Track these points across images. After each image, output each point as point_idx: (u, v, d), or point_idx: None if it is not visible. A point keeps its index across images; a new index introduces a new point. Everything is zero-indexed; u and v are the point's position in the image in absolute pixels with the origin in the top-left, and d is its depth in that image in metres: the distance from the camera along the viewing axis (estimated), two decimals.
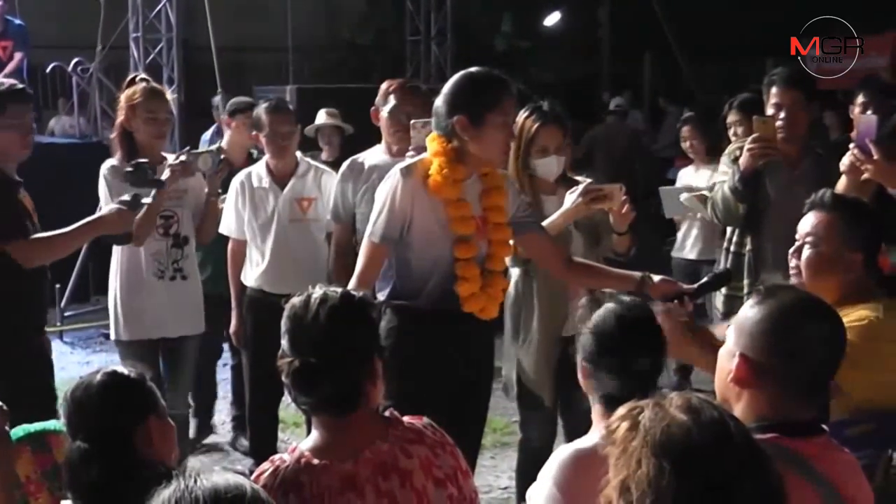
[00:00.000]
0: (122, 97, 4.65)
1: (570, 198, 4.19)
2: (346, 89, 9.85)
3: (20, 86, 4.28)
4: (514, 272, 4.39)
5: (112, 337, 4.84)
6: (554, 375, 4.34)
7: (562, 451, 2.52)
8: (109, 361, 7.12)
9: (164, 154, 4.76)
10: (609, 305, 2.62)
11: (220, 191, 4.97)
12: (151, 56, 9.67)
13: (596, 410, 2.62)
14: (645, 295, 3.41)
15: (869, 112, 4.86)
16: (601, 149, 11.32)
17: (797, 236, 3.18)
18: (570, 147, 4.64)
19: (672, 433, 1.65)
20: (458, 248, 3.66)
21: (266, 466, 2.37)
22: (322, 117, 7.11)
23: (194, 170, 4.68)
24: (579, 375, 2.65)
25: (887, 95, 5.49)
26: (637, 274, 3.77)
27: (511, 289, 4.37)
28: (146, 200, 4.33)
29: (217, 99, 8.36)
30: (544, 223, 4.10)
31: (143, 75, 4.91)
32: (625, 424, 1.71)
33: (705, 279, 3.78)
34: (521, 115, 4.29)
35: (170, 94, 4.81)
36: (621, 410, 1.75)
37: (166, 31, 9.76)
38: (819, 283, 3.01)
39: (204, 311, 4.90)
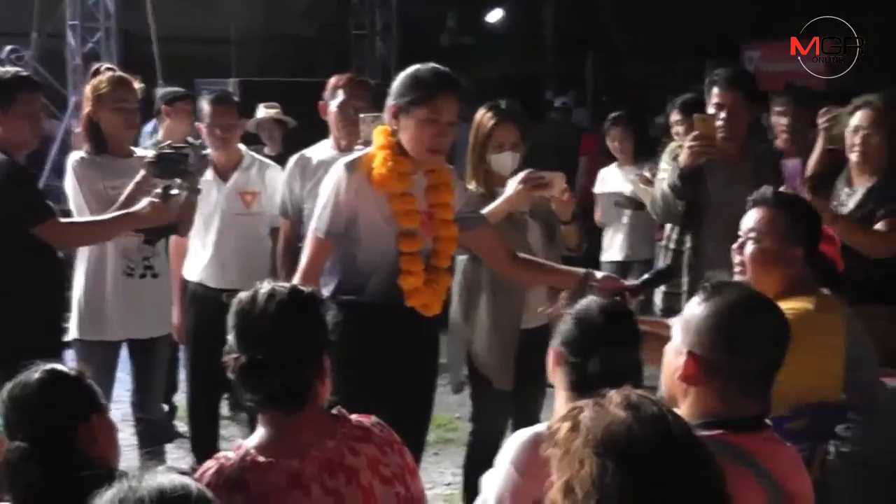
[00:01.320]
0: (88, 88, 4.56)
1: (512, 184, 4.26)
2: (290, 83, 9.77)
3: (25, 72, 4.21)
4: (461, 259, 4.42)
5: (71, 335, 4.66)
6: (513, 360, 4.39)
7: (520, 435, 2.52)
8: None
9: (133, 148, 4.67)
10: (592, 297, 2.67)
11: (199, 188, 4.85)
12: (89, 45, 9.51)
13: (560, 399, 2.62)
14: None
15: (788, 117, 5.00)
16: (548, 146, 11.36)
17: (740, 232, 3.25)
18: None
19: (613, 431, 1.65)
20: (403, 241, 3.65)
21: (210, 464, 2.34)
22: (261, 111, 7.05)
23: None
24: (550, 361, 2.65)
25: (806, 101, 5.59)
26: (581, 270, 3.82)
27: (458, 275, 4.42)
28: (174, 192, 4.23)
29: (160, 91, 8.26)
30: (486, 209, 4.14)
31: (109, 65, 4.82)
32: (566, 425, 1.71)
33: (647, 276, 3.82)
34: (480, 112, 4.44)
35: (137, 84, 4.70)
36: (561, 412, 1.76)
37: (105, 20, 9.61)
38: (762, 277, 3.10)
39: None
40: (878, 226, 4.40)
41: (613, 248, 7.00)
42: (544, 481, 1.77)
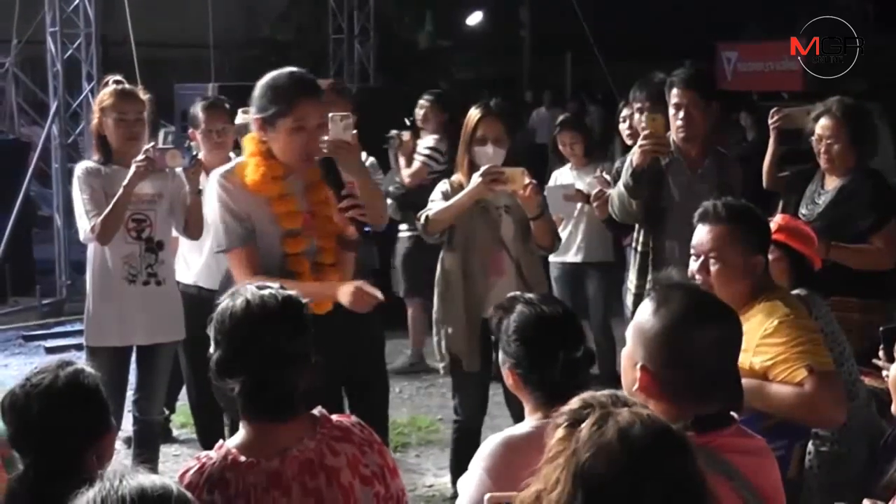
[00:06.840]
0: (95, 100, 4.70)
1: (475, 178, 4.46)
2: None
3: None
4: (443, 252, 4.70)
5: (84, 342, 4.82)
6: (479, 344, 4.58)
7: (493, 439, 2.57)
8: (27, 363, 7.03)
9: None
10: (522, 309, 2.67)
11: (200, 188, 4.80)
12: (70, 51, 9.48)
13: (528, 405, 2.66)
14: None
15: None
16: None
17: (696, 251, 3.22)
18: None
19: (597, 464, 1.64)
20: (287, 243, 3.69)
21: (192, 464, 2.37)
22: (241, 117, 7.02)
23: (162, 166, 4.64)
24: (509, 381, 2.69)
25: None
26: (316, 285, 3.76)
27: (438, 265, 4.69)
28: None
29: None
30: (451, 200, 4.45)
31: (117, 77, 4.87)
32: (564, 427, 1.71)
33: None
34: (472, 109, 4.73)
35: (143, 94, 4.78)
36: (574, 403, 1.75)
37: (85, 26, 9.56)
38: (731, 291, 3.06)
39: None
40: (877, 242, 4.45)
41: (571, 248, 6.55)
42: (515, 485, 1.80)
